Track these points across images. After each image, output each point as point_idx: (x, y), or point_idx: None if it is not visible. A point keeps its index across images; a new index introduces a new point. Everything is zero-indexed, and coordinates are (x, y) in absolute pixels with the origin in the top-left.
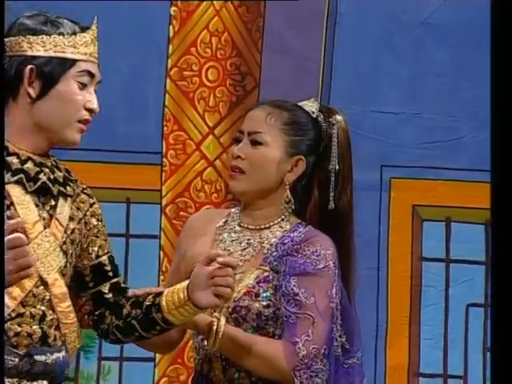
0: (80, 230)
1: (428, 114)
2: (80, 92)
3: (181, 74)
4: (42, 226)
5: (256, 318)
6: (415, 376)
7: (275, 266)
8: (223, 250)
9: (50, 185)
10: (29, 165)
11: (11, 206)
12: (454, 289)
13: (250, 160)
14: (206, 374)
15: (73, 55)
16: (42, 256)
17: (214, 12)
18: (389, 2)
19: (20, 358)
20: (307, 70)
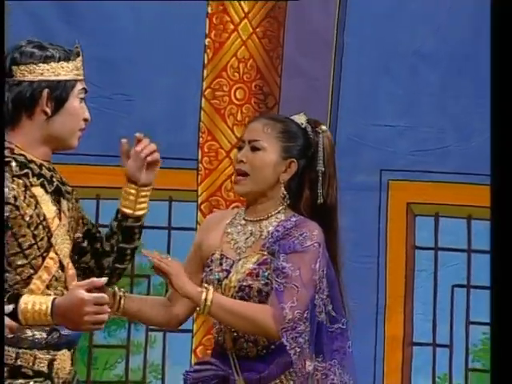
0: (74, 217)
1: (420, 127)
2: (80, 106)
3: (213, 94)
4: (57, 219)
5: (257, 294)
6: (409, 345)
7: (272, 250)
8: (231, 241)
9: (60, 186)
10: (44, 170)
11: (37, 205)
12: (441, 272)
13: (250, 163)
14: (221, 344)
15: (75, 77)
16: (60, 243)
17: (241, 42)
18: (387, 34)
19: (47, 333)
20: (318, 90)
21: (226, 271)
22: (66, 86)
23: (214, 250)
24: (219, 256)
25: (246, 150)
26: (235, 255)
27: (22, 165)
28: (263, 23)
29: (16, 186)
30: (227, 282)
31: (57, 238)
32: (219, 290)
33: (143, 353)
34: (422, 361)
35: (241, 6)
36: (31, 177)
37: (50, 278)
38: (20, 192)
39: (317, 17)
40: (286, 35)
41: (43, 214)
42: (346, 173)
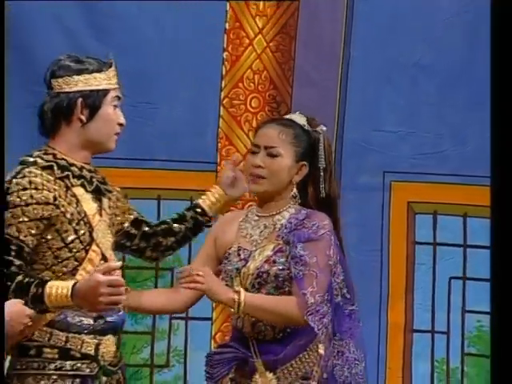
0: (115, 213)
1: (420, 132)
2: (114, 112)
3: (231, 103)
4: (98, 215)
5: (275, 279)
6: (410, 331)
7: (286, 239)
8: (246, 235)
9: (100, 185)
10: (85, 172)
11: (78, 203)
12: (439, 265)
13: (269, 169)
14: (240, 329)
15: (107, 86)
16: (102, 237)
17: (256, 56)
18: (389, 48)
19: (94, 319)
20: (327, 99)
21: (244, 260)
22: (99, 95)
23: (230, 245)
24: (236, 248)
25: (263, 155)
26: (251, 247)
27: (63, 168)
28: (276, 38)
29: (58, 187)
30: (245, 270)
31: (98, 233)
32: (238, 277)
33: (167, 339)
34: (421, 346)
35: (255, 22)
36: (71, 178)
37: (93, 268)
38: (61, 192)
39: (325, 32)
40: (297, 49)
41: (84, 211)
42: (351, 174)
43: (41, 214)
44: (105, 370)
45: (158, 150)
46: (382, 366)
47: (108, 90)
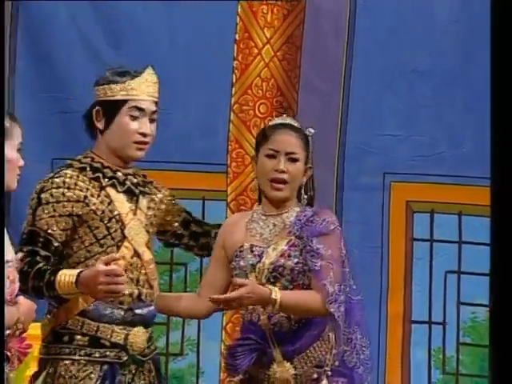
0: (155, 214)
1: (417, 136)
2: (132, 122)
3: (241, 108)
4: (132, 214)
5: (290, 272)
6: (408, 322)
7: (299, 234)
8: (256, 234)
9: (132, 187)
10: (119, 174)
11: (111, 203)
12: (436, 260)
13: (290, 174)
14: (255, 322)
15: (123, 97)
16: (134, 235)
17: (264, 64)
18: (388, 56)
19: (124, 311)
20: (330, 105)
21: (258, 256)
22: (114, 105)
23: (239, 244)
24: (249, 246)
25: (285, 160)
26: (263, 244)
27: (96, 170)
28: (283, 48)
29: (91, 187)
30: (261, 266)
31: (130, 230)
32: (253, 273)
33: (181, 329)
34: (419, 336)
35: (264, 33)
36: (102, 179)
37: (126, 264)
38: (94, 192)
39: (329, 42)
40: (303, 58)
41: (116, 210)
42: (353, 175)
43: (70, 210)
44: (134, 358)
45: (172, 153)
46: (383, 354)
47: (125, 100)
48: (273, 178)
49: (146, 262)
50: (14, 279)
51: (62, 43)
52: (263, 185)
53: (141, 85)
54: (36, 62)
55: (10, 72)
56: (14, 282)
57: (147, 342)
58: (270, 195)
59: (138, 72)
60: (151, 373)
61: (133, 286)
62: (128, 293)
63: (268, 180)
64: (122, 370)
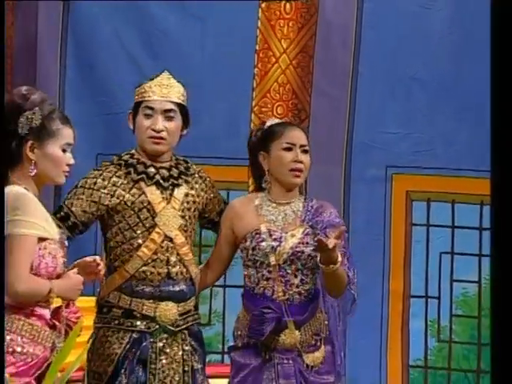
0: (195, 201)
1: (416, 134)
2: (146, 120)
3: (260, 110)
4: (164, 203)
5: (307, 257)
6: (407, 297)
7: (312, 223)
8: (269, 220)
9: (161, 181)
10: (150, 169)
11: (142, 194)
12: (432, 243)
13: (305, 164)
14: (269, 296)
15: (138, 98)
16: (166, 221)
17: (281, 71)
18: (390, 65)
19: (153, 287)
20: (339, 106)
21: (277, 241)
22: (135, 106)
23: (254, 227)
24: (267, 230)
25: (300, 152)
26: (278, 230)
27: (129, 165)
28: (298, 57)
29: (126, 182)
30: (281, 249)
31: (162, 218)
32: (273, 255)
33: (208, 303)
34: (417, 309)
35: (281, 44)
36: (133, 173)
37: (155, 247)
38: (126, 186)
39: (338, 52)
40: (315, 66)
41: (147, 201)
42: (359, 168)
43: (97, 199)
44: (165, 329)
45: (200, 149)
46: (385, 325)
47: (140, 102)
48: (293, 168)
49: (178, 245)
50: (55, 255)
51: (106, 55)
52: (282, 174)
53: (152, 87)
54: (83, 71)
55: (61, 80)
56: (56, 258)
57: (180, 315)
58: (291, 182)
59: (155, 77)
60: (185, 341)
61: (163, 266)
62: (157, 272)
63: (288, 170)
64: (153, 338)
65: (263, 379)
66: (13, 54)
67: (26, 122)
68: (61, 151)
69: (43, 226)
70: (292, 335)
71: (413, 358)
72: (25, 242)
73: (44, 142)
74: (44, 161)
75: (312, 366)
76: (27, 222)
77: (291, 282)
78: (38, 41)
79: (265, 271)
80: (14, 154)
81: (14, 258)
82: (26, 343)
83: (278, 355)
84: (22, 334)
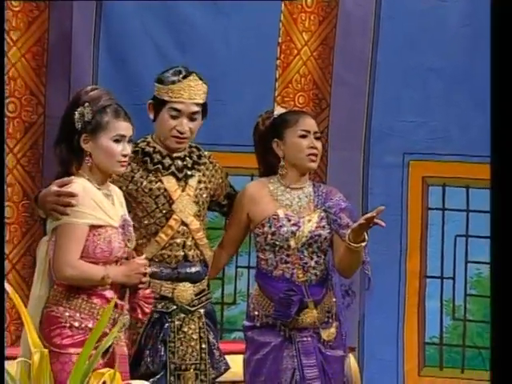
0: (206, 187)
1: (432, 122)
2: (171, 120)
3: (283, 100)
4: (180, 191)
5: (324, 240)
6: (424, 277)
7: (324, 208)
8: (285, 205)
9: (176, 172)
10: (166, 160)
11: (159, 181)
12: (447, 225)
13: (318, 149)
14: (288, 278)
15: (165, 97)
16: (182, 208)
17: (303, 63)
18: (408, 55)
19: (171, 269)
20: (358, 96)
21: (296, 225)
22: (159, 103)
23: (271, 213)
24: (284, 215)
25: (313, 138)
26: (294, 214)
27: (145, 154)
28: (318, 49)
29: (142, 169)
30: (300, 233)
31: (178, 205)
32: (293, 238)
33: (234, 283)
34: (433, 289)
35: (302, 36)
36: (149, 163)
37: (173, 232)
38: (143, 173)
39: (357, 44)
40: (335, 57)
41: (164, 188)
42: (378, 155)
43: (119, 185)
44: (182, 308)
45: (225, 137)
46: (402, 304)
47: (166, 101)
48: (310, 153)
49: (193, 230)
50: (110, 241)
51: (137, 49)
52: (299, 159)
53: (180, 90)
54: (115, 64)
55: (94, 72)
56: (111, 243)
57: (196, 295)
58: (308, 166)
59: (183, 77)
60: (201, 319)
61: (179, 249)
62: (174, 255)
63: (305, 155)
64: (171, 318)
65: (284, 357)
66: (48, 48)
67: (79, 116)
68: (112, 143)
69: (95, 214)
70: (311, 314)
71: (429, 335)
72: (74, 229)
73: (96, 134)
74: (98, 152)
75: (327, 341)
76: (77, 211)
77: (308, 265)
78: (72, 35)
79: (283, 255)
80: (77, 148)
81: (63, 244)
82: (85, 319)
83: (298, 333)
84: (81, 310)
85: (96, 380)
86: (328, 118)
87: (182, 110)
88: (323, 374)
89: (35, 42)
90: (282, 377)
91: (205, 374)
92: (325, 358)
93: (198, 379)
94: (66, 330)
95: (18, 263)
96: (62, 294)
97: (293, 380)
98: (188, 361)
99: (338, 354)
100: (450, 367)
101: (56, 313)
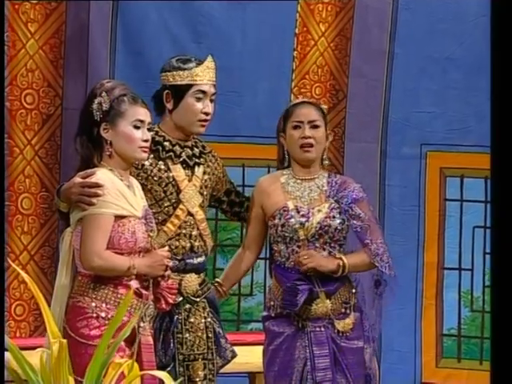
0: (210, 178)
1: (449, 113)
2: (197, 103)
3: (299, 91)
4: (187, 180)
5: (334, 230)
6: (441, 269)
7: (336, 198)
8: (296, 197)
9: (187, 160)
10: (176, 147)
11: (167, 170)
12: (465, 217)
13: (315, 138)
14: (293, 267)
15: (189, 82)
16: (189, 198)
17: (320, 54)
18: (425, 46)
19: (178, 261)
20: (375, 87)
21: (305, 216)
22: (182, 89)
23: (281, 205)
24: (294, 207)
25: (308, 128)
26: (305, 205)
27: (157, 143)
28: (335, 39)
29: (152, 157)
30: (309, 224)
31: (185, 194)
32: (302, 230)
33: (251, 274)
34: (451, 280)
35: (319, 27)
36: (161, 151)
37: (179, 222)
38: (153, 161)
39: (374, 34)
40: (352, 48)
41: (172, 177)
42: (396, 146)
43: None
44: (188, 299)
45: (243, 128)
46: (420, 295)
47: (190, 85)
48: (302, 144)
49: (198, 220)
50: (134, 231)
51: (153, 40)
52: (294, 152)
53: (203, 71)
54: (132, 55)
55: (111, 64)
56: (135, 234)
57: (200, 286)
58: (302, 158)
59: (200, 60)
60: (206, 309)
61: (186, 240)
62: (181, 246)
63: (298, 147)
64: (178, 309)
65: (297, 346)
66: (65, 40)
67: (98, 107)
68: (132, 128)
69: (120, 204)
70: (323, 304)
71: (446, 327)
72: (99, 220)
73: (115, 122)
74: (118, 139)
75: (343, 331)
76: (103, 201)
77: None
78: (89, 27)
79: (294, 246)
80: (97, 140)
81: (89, 235)
82: (111, 309)
83: (311, 324)
84: (107, 301)
85: (114, 370)
86: (345, 109)
87: (207, 91)
88: (337, 364)
89: (53, 33)
90: (295, 366)
91: (212, 362)
92: (339, 349)
93: (206, 368)
94: (93, 320)
95: (36, 254)
96: (88, 285)
97: (304, 370)
98: (196, 351)
99: (355, 346)
100: (468, 359)
101: (82, 303)
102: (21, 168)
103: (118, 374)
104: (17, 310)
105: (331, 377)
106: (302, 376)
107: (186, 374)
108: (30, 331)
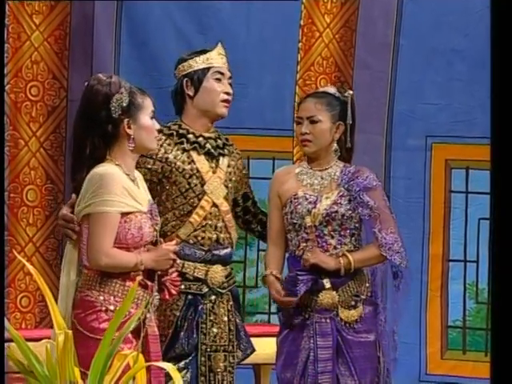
0: (234, 172)
1: (455, 104)
2: (218, 84)
3: (304, 83)
4: (211, 172)
5: (341, 217)
6: (446, 261)
7: (347, 187)
8: (307, 184)
9: (212, 150)
10: (200, 139)
11: (191, 162)
12: (470, 209)
13: (312, 133)
14: (301, 255)
15: (206, 65)
16: (213, 189)
17: (325, 45)
18: (431, 37)
19: (205, 252)
20: (381, 79)
21: (313, 203)
22: (199, 73)
23: (293, 193)
24: (303, 194)
25: (307, 124)
26: (315, 193)
27: (181, 135)
28: (341, 31)
29: (176, 149)
30: (316, 211)
31: (210, 186)
32: (309, 216)
33: (255, 266)
34: (456, 272)
35: (324, 19)
36: (185, 143)
37: (205, 213)
38: (177, 153)
39: (379, 26)
40: (357, 40)
41: (197, 169)
42: (401, 138)
43: (150, 166)
44: (213, 290)
45: (248, 121)
46: (425, 288)
47: (208, 68)
48: (301, 140)
49: (223, 212)
50: (141, 226)
51: (158, 32)
52: (299, 146)
53: (217, 55)
54: (137, 47)
55: (116, 56)
56: (142, 229)
57: (225, 278)
58: (304, 152)
59: (211, 48)
60: (229, 302)
61: (212, 231)
62: (208, 237)
63: (300, 141)
64: (203, 299)
65: (303, 337)
66: (70, 32)
67: (117, 104)
68: (150, 119)
69: (125, 201)
70: (329, 295)
71: (452, 318)
72: (106, 218)
73: (136, 116)
74: (139, 133)
75: (346, 321)
76: (108, 200)
77: (328, 243)
78: (94, 19)
79: (303, 233)
80: (110, 136)
81: (96, 233)
82: (119, 302)
83: (317, 315)
84: (115, 294)
85: (119, 362)
86: None
87: (225, 72)
88: (342, 356)
89: (58, 25)
90: (299, 356)
91: (233, 355)
92: (345, 342)
93: (226, 360)
94: (102, 313)
95: (41, 246)
96: (95, 279)
97: (308, 360)
98: (218, 342)
99: (363, 339)
100: (473, 351)
101: (90, 297)
102: (26, 160)
103: (123, 366)
104: (22, 302)
105: (331, 368)
106: (305, 366)
107: (207, 365)
108: (35, 322)
